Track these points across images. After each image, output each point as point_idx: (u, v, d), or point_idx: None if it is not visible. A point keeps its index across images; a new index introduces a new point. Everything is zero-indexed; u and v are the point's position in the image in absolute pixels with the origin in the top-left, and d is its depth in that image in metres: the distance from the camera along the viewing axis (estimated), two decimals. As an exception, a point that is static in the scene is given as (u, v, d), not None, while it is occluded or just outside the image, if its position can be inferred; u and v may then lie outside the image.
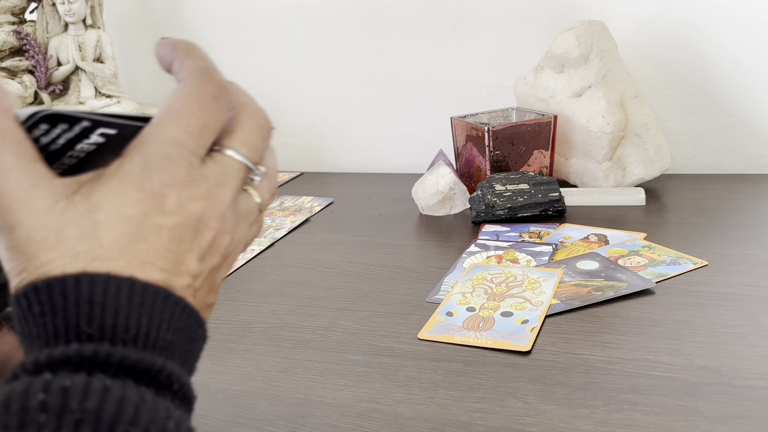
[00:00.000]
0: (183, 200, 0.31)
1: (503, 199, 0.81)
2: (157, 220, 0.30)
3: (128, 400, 0.25)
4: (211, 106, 0.33)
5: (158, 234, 0.30)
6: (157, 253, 0.30)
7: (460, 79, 1.09)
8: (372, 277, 0.70)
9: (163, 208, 0.30)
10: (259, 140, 0.35)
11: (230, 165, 0.33)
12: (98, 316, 0.28)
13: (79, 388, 0.24)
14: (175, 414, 0.27)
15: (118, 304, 0.28)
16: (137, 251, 0.30)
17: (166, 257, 0.30)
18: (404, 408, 0.46)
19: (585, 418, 0.44)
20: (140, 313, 0.29)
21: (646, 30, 0.99)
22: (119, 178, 0.30)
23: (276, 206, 0.96)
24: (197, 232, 0.32)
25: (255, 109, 0.36)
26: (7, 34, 1.05)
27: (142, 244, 0.30)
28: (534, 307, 0.59)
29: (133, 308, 0.29)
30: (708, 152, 1.01)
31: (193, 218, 0.31)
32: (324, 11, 1.14)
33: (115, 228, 0.30)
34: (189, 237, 0.31)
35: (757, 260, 0.66)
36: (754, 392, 0.45)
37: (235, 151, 0.33)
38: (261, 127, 0.36)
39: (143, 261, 0.30)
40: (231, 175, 0.33)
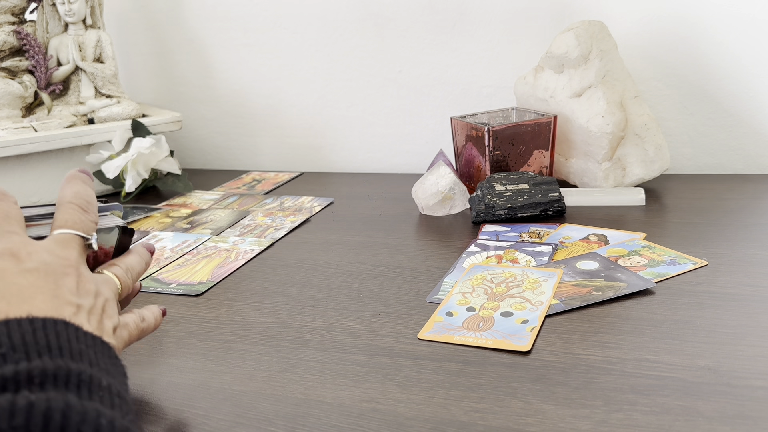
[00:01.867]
0: (31, 253, 0.39)
1: (503, 199, 0.81)
2: (15, 268, 0.37)
3: (54, 409, 0.26)
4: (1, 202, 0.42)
5: (23, 277, 0.37)
6: (30, 290, 0.36)
7: (460, 79, 1.10)
8: (372, 277, 0.70)
9: (19, 259, 0.38)
10: (79, 215, 0.44)
11: (62, 237, 0.42)
12: (6, 339, 0.31)
13: (6, 409, 0.26)
14: (106, 412, 0.28)
15: (23, 329, 0.32)
16: (12, 293, 0.36)
17: (42, 292, 0.37)
18: (404, 408, 0.46)
19: (585, 418, 0.44)
20: (45, 333, 0.33)
21: (646, 30, 0.99)
22: None
23: (276, 206, 0.96)
24: (58, 276, 0.39)
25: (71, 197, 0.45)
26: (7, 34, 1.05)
27: (14, 288, 0.36)
28: (534, 307, 0.59)
29: (37, 330, 0.33)
30: (708, 152, 1.01)
31: (47, 263, 0.39)
32: (324, 11, 1.14)
33: None
34: (52, 278, 0.38)
35: (757, 260, 0.66)
36: (754, 392, 0.45)
37: (61, 228, 0.43)
38: (79, 206, 0.44)
39: (24, 298, 0.36)
40: (66, 242, 0.42)
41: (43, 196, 1.03)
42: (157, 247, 0.82)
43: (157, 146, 1.04)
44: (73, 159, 1.04)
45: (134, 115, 1.10)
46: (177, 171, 1.06)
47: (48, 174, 1.03)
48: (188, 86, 1.27)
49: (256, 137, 1.25)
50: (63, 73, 1.10)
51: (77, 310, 0.38)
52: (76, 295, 0.39)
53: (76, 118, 1.08)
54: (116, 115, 1.09)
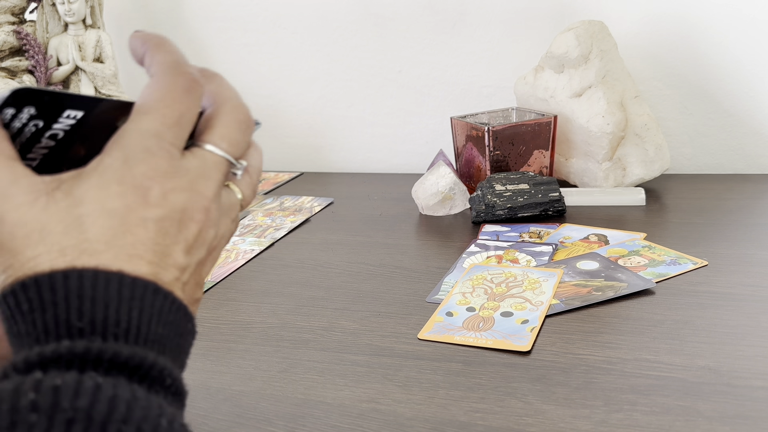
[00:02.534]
0: (166, 192, 0.31)
1: (503, 199, 0.81)
2: (141, 212, 0.30)
3: (120, 398, 0.25)
4: (184, 98, 0.33)
5: (144, 226, 0.30)
6: (143, 245, 0.30)
7: (460, 79, 1.09)
8: (372, 277, 0.70)
9: (147, 200, 0.30)
10: (239, 135, 0.35)
11: (211, 159, 0.33)
12: (88, 310, 0.28)
13: (71, 387, 0.24)
14: (168, 411, 0.27)
15: (108, 298, 0.28)
16: (124, 244, 0.30)
17: (153, 250, 0.30)
18: (404, 408, 0.46)
19: (585, 418, 0.44)
20: (130, 306, 0.29)
21: (646, 30, 0.99)
22: (100, 173, 0.30)
23: (276, 206, 0.96)
24: (182, 225, 0.31)
25: (235, 104, 0.36)
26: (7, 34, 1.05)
27: (129, 237, 0.30)
28: (534, 307, 0.59)
29: (123, 302, 0.28)
30: (708, 152, 1.01)
31: (177, 210, 0.31)
32: (324, 11, 1.14)
33: (99, 221, 0.29)
34: (174, 229, 0.31)
35: (757, 260, 0.66)
36: (754, 392, 0.45)
37: (214, 145, 0.33)
38: (241, 122, 0.35)
39: (130, 254, 0.30)
40: (212, 169, 0.33)
41: (43, 196, 1.03)
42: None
43: (157, 146, 1.03)
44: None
45: (134, 115, 1.09)
46: (177, 171, 1.06)
47: (48, 174, 1.03)
48: (188, 86, 1.27)
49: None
50: (63, 73, 1.10)
51: (180, 274, 0.31)
52: (189, 252, 0.32)
53: (76, 118, 1.08)
54: (116, 115, 1.09)
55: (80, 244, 0.29)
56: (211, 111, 0.35)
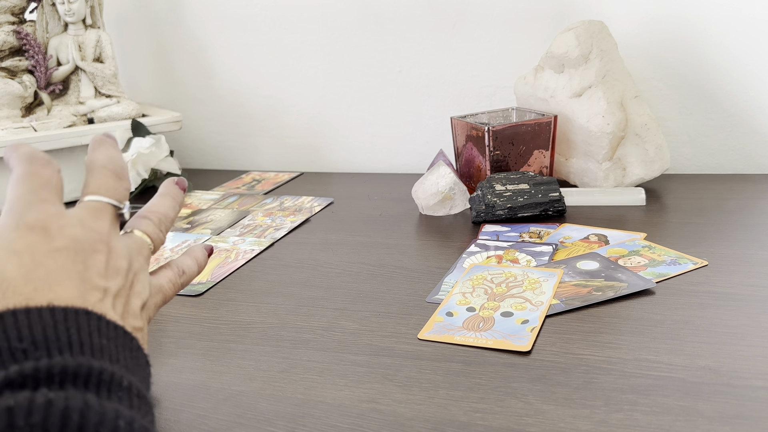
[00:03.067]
0: (62, 227, 0.36)
1: (503, 199, 0.81)
2: (45, 246, 0.34)
3: (72, 409, 0.26)
4: (45, 169, 0.38)
5: (52, 258, 0.34)
6: (57, 274, 0.34)
7: (460, 79, 1.09)
8: (372, 277, 0.69)
9: (47, 236, 0.35)
10: (113, 182, 0.41)
11: (93, 205, 0.39)
12: (27, 334, 0.30)
13: (23, 406, 0.25)
14: (125, 413, 0.28)
15: (44, 322, 0.31)
16: (39, 276, 0.33)
17: (69, 276, 0.34)
18: (404, 408, 0.46)
19: (585, 418, 0.44)
20: (67, 326, 0.31)
21: (646, 30, 0.99)
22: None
23: (276, 206, 0.96)
24: (87, 254, 0.36)
25: (104, 162, 0.42)
26: (7, 34, 1.05)
27: (41, 270, 0.34)
28: (534, 307, 0.59)
29: (58, 324, 0.31)
30: (708, 152, 1.01)
31: (77, 241, 0.36)
32: (324, 11, 1.14)
33: (10, 262, 0.33)
34: (81, 258, 0.35)
35: (758, 260, 0.66)
36: (755, 392, 0.45)
37: (93, 194, 0.40)
38: (113, 172, 0.41)
39: (50, 283, 0.33)
40: (98, 211, 0.39)
41: (43, 196, 1.03)
42: (157, 247, 0.82)
43: (157, 146, 1.03)
44: (72, 159, 1.04)
45: (134, 115, 1.09)
46: (177, 171, 1.06)
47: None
48: (188, 86, 1.27)
49: (256, 137, 1.25)
50: (63, 72, 1.10)
51: (103, 296, 0.35)
52: (104, 276, 0.36)
53: (75, 118, 1.08)
54: (116, 115, 1.09)
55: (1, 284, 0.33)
56: (86, 174, 0.41)
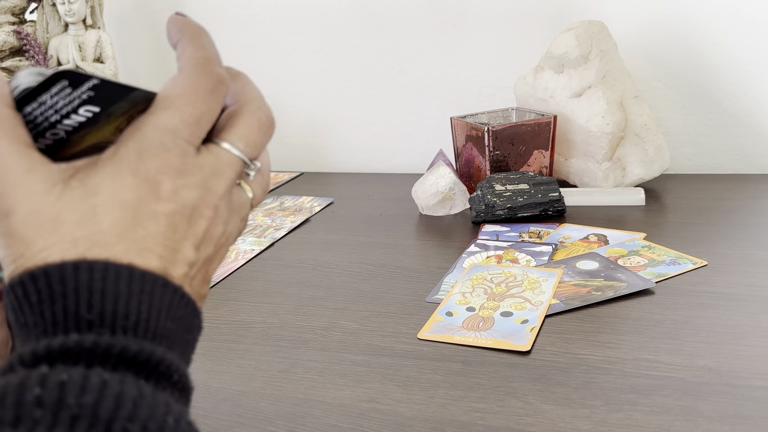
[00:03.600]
0: (178, 187, 0.31)
1: (503, 199, 0.81)
2: (153, 206, 0.30)
3: (126, 396, 0.24)
4: (207, 97, 0.32)
5: (155, 220, 0.30)
6: (154, 239, 0.30)
7: (460, 79, 1.10)
8: (372, 277, 0.70)
9: (159, 194, 0.30)
10: (258, 136, 0.35)
11: (226, 157, 0.33)
12: (98, 303, 0.28)
13: (77, 383, 0.24)
14: (174, 408, 0.27)
15: (118, 291, 0.28)
16: (135, 237, 0.30)
17: (164, 244, 0.30)
18: (404, 408, 0.46)
19: (585, 417, 0.44)
20: (140, 300, 0.28)
21: (646, 30, 0.99)
22: (115, 164, 0.30)
23: (276, 206, 0.96)
24: (192, 221, 0.31)
25: (258, 105, 0.35)
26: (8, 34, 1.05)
27: (140, 230, 0.30)
28: (534, 307, 0.59)
29: (132, 295, 0.28)
30: (707, 152, 1.01)
31: (188, 206, 0.31)
32: (324, 11, 1.14)
33: (113, 213, 0.29)
34: (184, 225, 0.31)
35: (757, 260, 0.66)
36: (754, 392, 0.45)
37: (231, 144, 0.33)
38: (262, 123, 0.35)
39: (141, 247, 0.30)
40: (226, 167, 0.33)
41: (43, 196, 1.03)
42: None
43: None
44: (73, 159, 1.05)
45: (134, 115, 1.10)
46: (177, 171, 1.06)
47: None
48: (188, 86, 1.27)
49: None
50: (63, 73, 1.10)
51: (189, 269, 0.31)
52: (198, 246, 0.32)
53: (76, 118, 1.08)
54: (116, 115, 1.09)
55: (93, 235, 0.29)
56: (233, 109, 0.35)
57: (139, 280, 0.29)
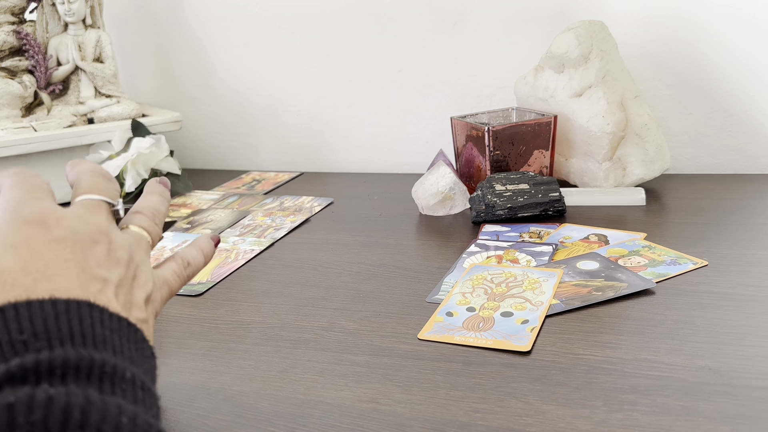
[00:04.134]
0: (60, 219, 0.36)
1: (503, 199, 0.81)
2: (43, 237, 0.34)
3: (73, 405, 0.25)
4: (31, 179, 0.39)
5: (50, 248, 0.34)
6: (56, 264, 0.33)
7: (460, 79, 1.09)
8: (372, 277, 0.69)
9: (46, 227, 0.35)
10: (103, 182, 0.42)
11: (88, 203, 0.39)
12: (28, 327, 0.30)
13: (24, 402, 0.25)
14: (128, 408, 0.27)
15: (45, 315, 0.30)
16: (38, 267, 0.33)
17: (68, 266, 0.34)
18: (404, 408, 0.46)
19: (585, 418, 0.44)
20: (68, 318, 0.31)
21: (647, 30, 0.99)
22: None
23: (276, 206, 0.96)
24: (86, 245, 0.36)
25: (91, 168, 0.43)
26: (7, 33, 1.05)
27: (39, 261, 0.33)
28: (534, 307, 0.59)
29: (60, 315, 0.31)
30: (708, 152, 1.01)
31: (76, 231, 0.36)
32: (324, 11, 1.14)
33: (8, 255, 0.33)
34: (80, 248, 0.35)
35: (758, 260, 0.66)
36: (755, 392, 0.45)
37: (86, 194, 0.40)
38: (101, 175, 0.42)
39: (49, 275, 0.33)
40: (94, 207, 0.39)
41: (43, 196, 1.03)
42: (157, 247, 0.82)
43: (157, 146, 1.03)
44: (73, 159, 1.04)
45: (134, 115, 1.09)
46: (177, 171, 1.06)
47: (48, 174, 1.03)
48: (188, 86, 1.27)
49: (256, 137, 1.25)
50: (63, 72, 1.10)
51: (104, 286, 0.34)
52: (104, 267, 0.35)
53: (75, 118, 1.08)
54: (116, 115, 1.09)
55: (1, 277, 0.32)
56: (75, 184, 0.42)
57: (62, 304, 0.31)
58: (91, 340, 0.30)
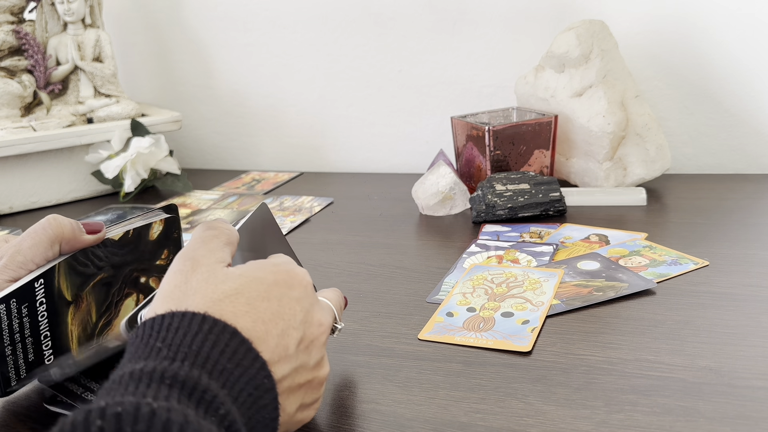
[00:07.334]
0: (307, 283, 0.41)
1: (504, 199, 0.81)
2: (284, 290, 0.39)
3: (173, 422, 0.27)
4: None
5: (280, 300, 0.38)
6: (270, 312, 0.37)
7: (460, 79, 1.09)
8: (372, 277, 0.69)
9: (290, 286, 0.39)
10: (340, 306, 0.47)
11: (326, 305, 0.44)
12: (170, 336, 0.33)
13: (130, 414, 0.27)
14: None
15: (187, 329, 0.34)
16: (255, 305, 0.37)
17: (276, 321, 0.37)
18: (404, 409, 0.46)
19: (585, 418, 0.43)
20: (204, 338, 0.33)
21: (647, 30, 0.98)
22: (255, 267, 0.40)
23: (276, 206, 0.96)
24: (306, 318, 0.39)
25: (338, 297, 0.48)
26: (6, 33, 1.05)
27: (263, 303, 0.37)
28: (534, 307, 0.59)
29: (198, 333, 0.33)
30: (709, 152, 1.01)
31: (309, 305, 0.40)
32: (324, 11, 1.14)
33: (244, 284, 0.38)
34: (300, 318, 0.38)
35: (759, 260, 0.66)
36: (755, 393, 0.45)
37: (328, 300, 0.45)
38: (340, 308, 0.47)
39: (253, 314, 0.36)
40: (328, 310, 0.43)
41: (42, 196, 1.03)
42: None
43: (157, 146, 1.03)
44: (72, 159, 1.04)
45: (133, 115, 1.09)
46: (176, 171, 1.06)
47: (47, 173, 1.03)
48: (188, 86, 1.27)
49: (256, 137, 1.25)
50: (62, 72, 1.09)
51: (284, 361, 0.37)
52: (301, 349, 0.38)
53: (75, 118, 1.08)
54: (115, 115, 1.09)
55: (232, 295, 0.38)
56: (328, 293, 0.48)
57: (210, 323, 0.34)
58: (212, 365, 0.32)
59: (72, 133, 1.01)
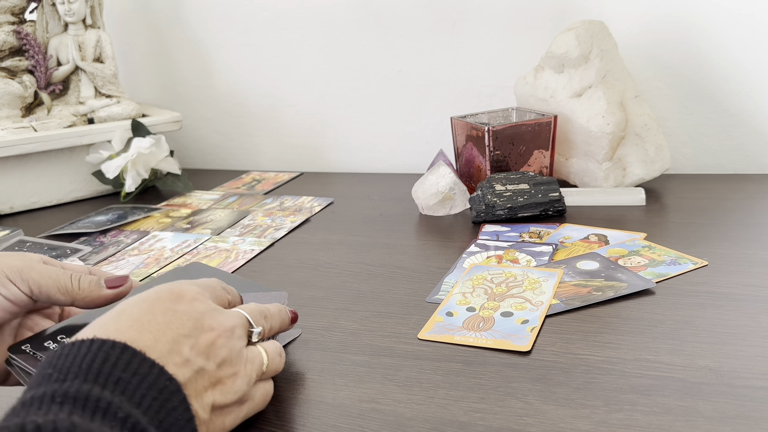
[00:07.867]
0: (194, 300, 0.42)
1: (503, 199, 0.81)
2: (168, 305, 0.40)
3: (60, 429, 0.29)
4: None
5: (166, 314, 0.40)
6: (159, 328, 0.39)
7: (460, 79, 1.09)
8: (372, 277, 0.69)
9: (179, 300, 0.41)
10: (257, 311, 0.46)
11: (235, 312, 0.44)
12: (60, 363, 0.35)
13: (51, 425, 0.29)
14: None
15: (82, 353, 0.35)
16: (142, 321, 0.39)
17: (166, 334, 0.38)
18: (404, 408, 0.46)
19: (585, 418, 0.43)
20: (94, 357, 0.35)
21: (647, 30, 0.99)
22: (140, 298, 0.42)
23: (276, 206, 0.96)
24: (199, 330, 0.40)
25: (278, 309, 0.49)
26: (7, 33, 1.05)
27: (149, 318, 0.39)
28: (534, 307, 0.59)
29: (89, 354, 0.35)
30: (708, 152, 1.01)
31: (199, 312, 0.41)
32: (324, 11, 1.14)
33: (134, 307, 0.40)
34: (190, 326, 0.40)
35: (758, 260, 0.66)
36: (755, 392, 0.45)
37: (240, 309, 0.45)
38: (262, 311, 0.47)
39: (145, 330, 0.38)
40: (235, 316, 0.43)
41: (43, 196, 1.03)
42: (157, 247, 0.82)
43: (157, 146, 1.03)
44: (72, 159, 1.04)
45: (134, 115, 1.09)
46: (177, 171, 1.06)
47: (47, 174, 1.03)
48: (188, 86, 1.27)
49: (256, 137, 1.25)
50: (63, 72, 1.10)
51: (184, 364, 0.38)
52: (196, 352, 0.39)
53: (75, 118, 1.08)
54: (116, 115, 1.09)
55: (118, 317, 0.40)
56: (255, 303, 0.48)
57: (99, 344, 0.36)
58: (104, 378, 0.34)
59: (73, 134, 1.02)
